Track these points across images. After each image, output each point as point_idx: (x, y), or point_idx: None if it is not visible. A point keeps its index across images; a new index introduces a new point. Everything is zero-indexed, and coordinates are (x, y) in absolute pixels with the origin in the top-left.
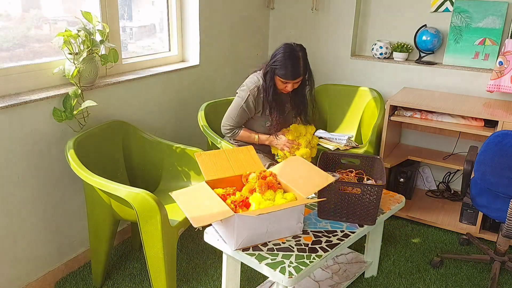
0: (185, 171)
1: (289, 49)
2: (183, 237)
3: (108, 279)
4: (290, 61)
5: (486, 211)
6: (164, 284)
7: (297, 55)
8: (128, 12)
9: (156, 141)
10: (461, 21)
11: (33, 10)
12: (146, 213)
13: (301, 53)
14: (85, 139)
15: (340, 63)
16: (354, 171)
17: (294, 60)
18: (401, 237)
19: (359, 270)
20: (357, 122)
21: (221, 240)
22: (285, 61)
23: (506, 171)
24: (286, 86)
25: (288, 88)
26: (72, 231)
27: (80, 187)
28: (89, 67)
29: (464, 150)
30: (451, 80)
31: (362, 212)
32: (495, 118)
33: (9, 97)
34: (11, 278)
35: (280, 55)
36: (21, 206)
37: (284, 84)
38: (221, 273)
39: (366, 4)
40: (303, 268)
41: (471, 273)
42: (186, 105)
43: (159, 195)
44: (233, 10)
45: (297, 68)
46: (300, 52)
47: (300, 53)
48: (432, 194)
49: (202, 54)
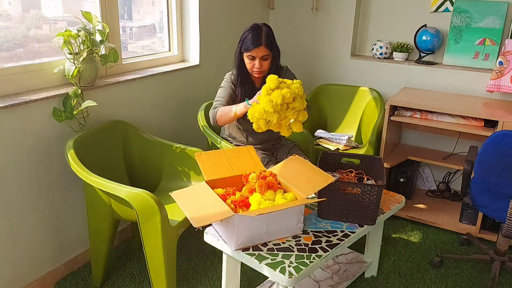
0: (185, 171)
1: (252, 25)
2: (183, 237)
3: (108, 279)
4: (251, 33)
5: (486, 211)
6: (164, 284)
7: (259, 27)
8: (128, 12)
9: (156, 141)
10: (461, 21)
11: (33, 10)
12: (146, 213)
13: (264, 27)
14: (85, 139)
15: (340, 63)
16: (354, 171)
17: (255, 32)
18: (401, 237)
19: (359, 270)
20: (357, 122)
21: (221, 240)
22: (247, 34)
23: (506, 171)
24: (254, 63)
25: (256, 65)
26: (72, 231)
27: (80, 187)
28: (89, 67)
29: (464, 150)
30: (451, 80)
31: (362, 212)
32: (495, 118)
33: (9, 97)
34: (11, 278)
35: (245, 32)
36: (21, 206)
37: (251, 62)
38: (221, 273)
39: (366, 4)
40: (303, 268)
41: (471, 273)
42: (186, 105)
43: (159, 195)
44: (233, 10)
45: (258, 37)
46: (263, 26)
47: (263, 27)
48: (432, 194)
49: (202, 54)
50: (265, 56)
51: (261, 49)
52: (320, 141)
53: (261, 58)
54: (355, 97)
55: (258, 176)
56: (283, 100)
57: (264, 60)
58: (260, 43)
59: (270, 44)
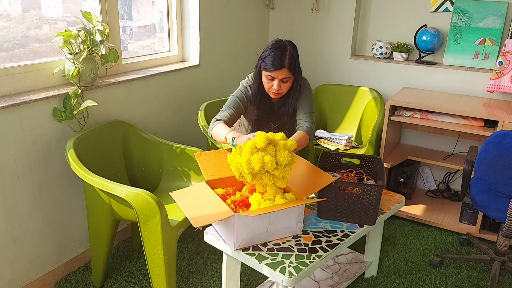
0: (185, 171)
1: (276, 41)
2: (183, 237)
3: (108, 279)
4: (274, 52)
5: (486, 211)
6: (164, 284)
7: (284, 46)
8: (128, 12)
9: (156, 141)
10: (461, 21)
11: (33, 10)
12: (146, 213)
13: (289, 47)
14: (85, 139)
15: (340, 63)
16: (354, 171)
17: (279, 51)
18: (401, 237)
19: (359, 270)
20: (357, 122)
21: (221, 240)
22: (270, 52)
23: (506, 171)
24: (272, 84)
25: (274, 87)
26: (72, 231)
27: (80, 187)
28: (89, 67)
29: (464, 150)
30: (451, 80)
31: (362, 212)
32: (495, 118)
33: (9, 97)
34: (11, 278)
35: (267, 49)
36: (21, 206)
37: (270, 82)
38: (221, 273)
39: (366, 4)
40: (303, 268)
41: (471, 273)
42: (186, 105)
43: (159, 195)
44: (233, 10)
45: (281, 58)
46: (288, 46)
47: (289, 46)
48: (432, 194)
49: (202, 54)
50: (285, 79)
51: (283, 71)
52: (320, 141)
53: (281, 80)
54: (355, 97)
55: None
56: (261, 167)
57: (284, 82)
58: (283, 65)
59: (294, 67)
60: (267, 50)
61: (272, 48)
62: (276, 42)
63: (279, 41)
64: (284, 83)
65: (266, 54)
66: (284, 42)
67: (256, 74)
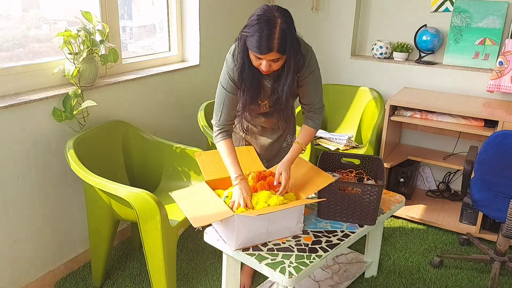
0: (185, 171)
1: (264, 11)
2: (183, 237)
3: (108, 279)
4: (261, 31)
5: (486, 211)
6: (164, 284)
7: (273, 22)
8: (128, 12)
9: (156, 141)
10: (461, 21)
11: (33, 10)
12: (146, 213)
13: (280, 19)
14: (85, 139)
15: (340, 63)
16: (354, 171)
17: (266, 29)
18: (401, 237)
19: (359, 270)
20: (357, 122)
21: (221, 240)
22: (256, 29)
23: (506, 171)
24: (260, 64)
25: (262, 66)
26: (72, 231)
27: (80, 187)
28: (89, 67)
29: (464, 150)
30: (451, 80)
31: (362, 212)
32: (495, 118)
33: (9, 97)
34: (11, 278)
35: (253, 23)
36: (21, 206)
37: (257, 60)
38: (221, 273)
39: (366, 4)
40: (303, 268)
41: (471, 273)
42: (186, 105)
43: (159, 195)
44: (233, 10)
45: (269, 39)
46: (279, 19)
47: (279, 19)
48: (432, 194)
49: (202, 54)
50: (275, 59)
51: (271, 54)
52: (320, 141)
53: (271, 60)
54: (355, 97)
55: (258, 176)
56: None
57: (275, 62)
58: (271, 48)
59: (285, 47)
60: (253, 26)
61: (259, 24)
62: (264, 14)
63: (268, 12)
64: (275, 62)
65: (252, 32)
66: (273, 14)
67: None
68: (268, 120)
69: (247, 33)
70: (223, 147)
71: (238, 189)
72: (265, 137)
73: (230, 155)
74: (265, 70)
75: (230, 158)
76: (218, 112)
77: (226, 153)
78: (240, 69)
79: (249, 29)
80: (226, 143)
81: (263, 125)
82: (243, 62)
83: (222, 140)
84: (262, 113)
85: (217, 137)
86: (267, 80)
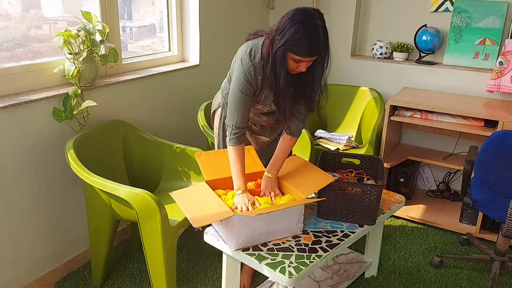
0: (185, 171)
1: (306, 17)
2: (183, 237)
3: (108, 279)
4: (309, 35)
5: (486, 211)
6: (164, 284)
7: (317, 26)
8: (128, 12)
9: (156, 141)
10: (461, 21)
11: (33, 10)
12: (146, 213)
13: (319, 20)
14: (85, 139)
15: (340, 63)
16: (354, 171)
17: (314, 34)
18: (401, 237)
19: (359, 270)
20: (357, 122)
21: (221, 240)
22: (303, 34)
23: (506, 171)
24: (299, 66)
25: (301, 67)
26: (72, 231)
27: (80, 187)
28: (89, 67)
29: (464, 150)
30: (451, 80)
31: (362, 212)
32: (495, 118)
33: (9, 97)
34: (11, 278)
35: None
36: (21, 206)
37: (296, 64)
38: (221, 273)
39: (366, 4)
40: (303, 268)
41: (471, 273)
42: (186, 105)
43: (159, 195)
44: (233, 10)
45: (317, 43)
46: (318, 19)
47: (319, 20)
48: (432, 194)
49: (202, 54)
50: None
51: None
52: (320, 141)
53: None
54: (355, 97)
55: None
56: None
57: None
58: (319, 51)
59: (326, 46)
60: (299, 31)
61: (305, 28)
62: (306, 19)
63: (310, 18)
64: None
65: (298, 37)
66: (316, 19)
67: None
68: (268, 119)
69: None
70: (234, 153)
71: (241, 197)
72: (263, 136)
73: (238, 163)
74: (304, 71)
75: (237, 166)
76: (234, 113)
77: (235, 160)
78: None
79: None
80: (237, 150)
81: (263, 124)
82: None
83: (234, 146)
84: (264, 113)
85: (231, 140)
86: None
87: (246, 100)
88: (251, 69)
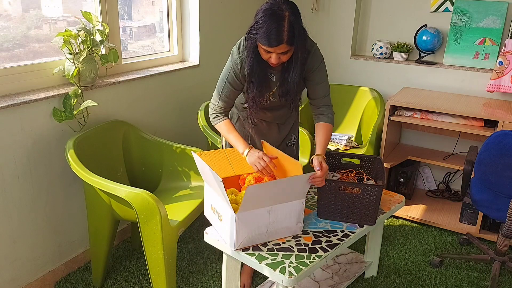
0: (185, 171)
1: (271, 4)
2: (183, 237)
3: (108, 279)
4: (269, 24)
5: (486, 211)
6: (164, 284)
7: (281, 15)
8: (128, 12)
9: (156, 141)
10: (461, 21)
11: (33, 10)
12: (146, 213)
13: (287, 12)
14: (85, 139)
15: (340, 63)
16: (354, 171)
17: (275, 23)
18: (401, 237)
19: (359, 270)
20: (357, 122)
21: (221, 240)
22: (264, 22)
23: (506, 171)
24: (270, 57)
25: (272, 59)
26: (72, 231)
27: (80, 187)
28: (89, 67)
29: (464, 150)
30: (451, 80)
31: (362, 212)
32: (495, 118)
33: (9, 97)
34: (11, 278)
35: (260, 15)
36: (21, 206)
37: (267, 54)
38: (221, 273)
39: (366, 4)
40: (303, 268)
41: (471, 273)
42: (186, 105)
43: (159, 195)
44: (233, 10)
45: (278, 32)
46: (286, 11)
47: (287, 12)
48: (432, 194)
49: (202, 54)
50: (285, 52)
51: (280, 47)
52: None
53: (280, 53)
54: (355, 97)
55: (255, 178)
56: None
57: (284, 54)
58: (281, 40)
59: (293, 39)
60: (261, 19)
61: (267, 16)
62: (270, 9)
63: (275, 5)
64: (284, 55)
65: (260, 25)
66: (281, 7)
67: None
68: (273, 115)
69: (256, 28)
70: (224, 126)
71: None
72: (272, 135)
73: (232, 131)
74: (274, 63)
75: (233, 134)
76: (217, 97)
77: (227, 130)
78: (250, 65)
79: (258, 24)
80: (225, 123)
81: (268, 120)
82: (253, 58)
83: (222, 121)
84: (268, 108)
85: (215, 119)
86: (271, 74)
87: (230, 90)
88: (238, 61)
